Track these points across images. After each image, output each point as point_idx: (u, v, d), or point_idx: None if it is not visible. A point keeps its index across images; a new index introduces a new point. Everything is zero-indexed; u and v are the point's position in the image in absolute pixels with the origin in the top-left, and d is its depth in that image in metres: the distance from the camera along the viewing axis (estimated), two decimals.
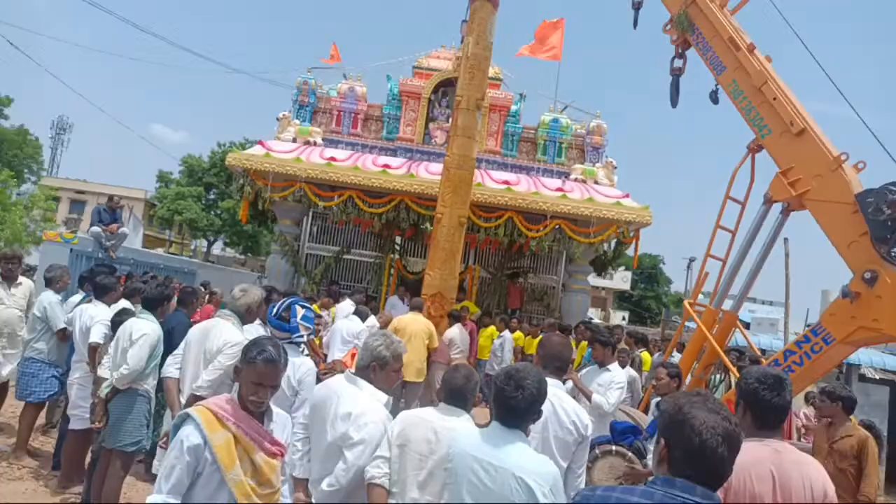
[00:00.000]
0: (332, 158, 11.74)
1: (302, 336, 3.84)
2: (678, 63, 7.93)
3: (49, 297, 5.95)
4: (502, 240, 11.56)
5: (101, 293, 5.39)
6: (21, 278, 6.27)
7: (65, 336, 5.84)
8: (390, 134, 13.06)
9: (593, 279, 15.17)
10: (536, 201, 11.21)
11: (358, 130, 13.08)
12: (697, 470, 1.63)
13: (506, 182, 11.66)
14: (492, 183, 11.62)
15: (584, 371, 5.50)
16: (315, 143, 12.47)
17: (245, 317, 4.22)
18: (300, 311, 3.87)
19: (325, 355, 7.61)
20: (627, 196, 11.83)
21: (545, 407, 2.60)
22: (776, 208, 6.30)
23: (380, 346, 3.14)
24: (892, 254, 4.83)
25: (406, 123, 12.96)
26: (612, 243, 12.96)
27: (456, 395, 2.89)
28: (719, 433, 1.62)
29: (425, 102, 12.93)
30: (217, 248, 42.25)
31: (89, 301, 5.56)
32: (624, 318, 37.82)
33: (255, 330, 4.49)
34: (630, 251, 12.90)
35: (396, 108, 13.07)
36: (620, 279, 40.95)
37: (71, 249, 9.43)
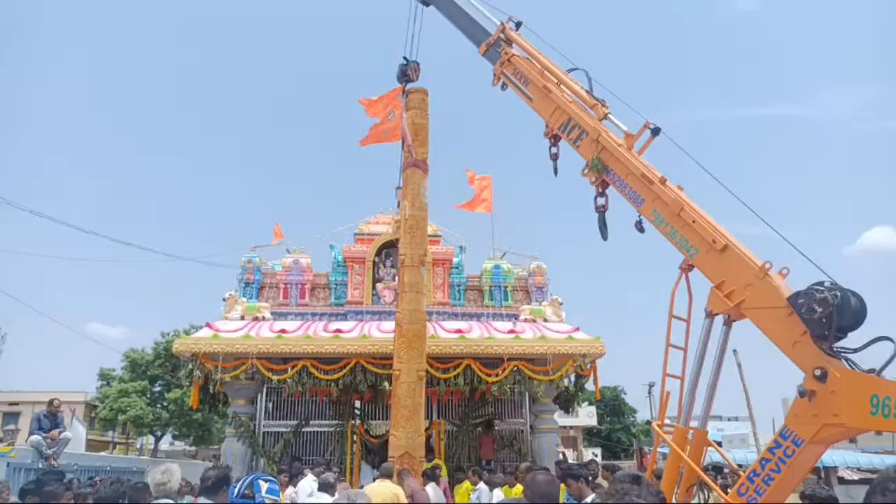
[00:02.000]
0: (283, 331, 11.68)
1: None
2: (601, 201, 8.54)
3: None
4: (463, 388, 11.45)
5: (48, 502, 4.97)
6: None
7: None
8: (339, 299, 13.22)
9: (561, 418, 14.99)
10: (491, 345, 11.32)
11: (306, 300, 13.20)
12: None
13: (458, 331, 11.79)
14: (445, 333, 11.72)
15: None
16: (264, 318, 12.45)
17: (176, 497, 4.04)
18: (264, 486, 3.72)
19: None
20: (577, 329, 12.10)
21: None
22: (719, 320, 6.57)
23: None
24: (834, 349, 5.06)
25: (353, 287, 13.20)
26: (572, 378, 13.01)
27: None
28: None
29: (370, 265, 13.30)
30: (165, 443, 39.76)
31: None
32: (595, 455, 36.79)
33: None
34: (591, 384, 12.95)
35: (343, 274, 13.37)
36: (586, 415, 40.35)
37: (8, 464, 8.76)
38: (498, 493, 9.81)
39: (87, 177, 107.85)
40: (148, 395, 35.31)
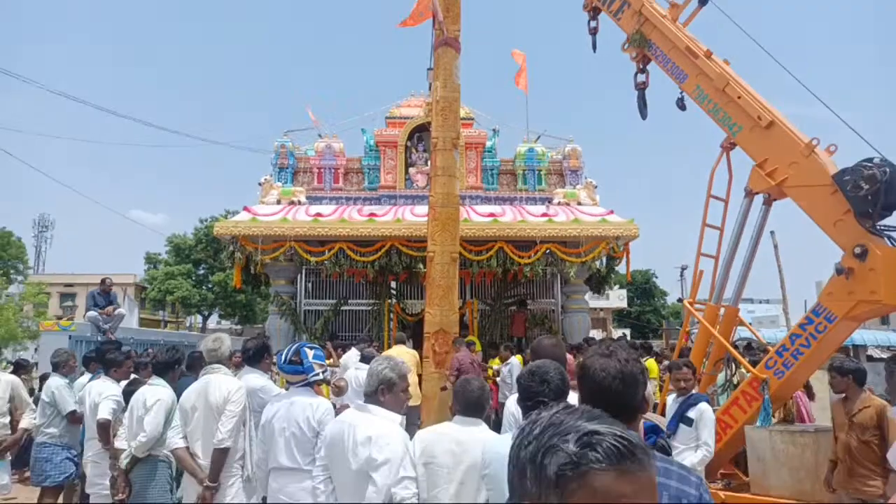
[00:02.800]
0: (318, 214, 11.88)
1: (318, 374, 3.87)
2: (641, 77, 8.19)
3: (56, 382, 5.93)
4: (496, 270, 11.67)
5: (109, 368, 5.40)
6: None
7: (75, 418, 5.81)
8: (372, 184, 13.28)
9: (592, 300, 15.26)
10: (524, 229, 11.37)
11: (340, 185, 13.29)
12: (604, 406, 1.76)
13: (491, 214, 11.83)
14: (478, 217, 11.79)
15: None
16: (299, 202, 12.64)
17: (228, 363, 4.29)
18: (310, 353, 3.91)
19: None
20: (612, 213, 12.03)
21: None
22: (758, 200, 6.45)
23: (384, 370, 3.18)
24: (877, 227, 4.96)
25: (386, 172, 13.20)
26: (604, 260, 13.11)
27: (472, 407, 2.95)
28: (612, 372, 1.74)
29: (402, 149, 13.21)
30: (212, 322, 41.98)
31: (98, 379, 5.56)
32: (624, 335, 37.82)
33: (254, 376, 4.56)
34: (622, 267, 13.05)
35: (375, 159, 13.33)
36: (617, 298, 41.03)
37: (70, 336, 9.40)
38: (515, 362, 10.27)
39: (130, 64, 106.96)
40: (193, 278, 36.88)
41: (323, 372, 3.93)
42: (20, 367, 8.94)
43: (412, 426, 7.76)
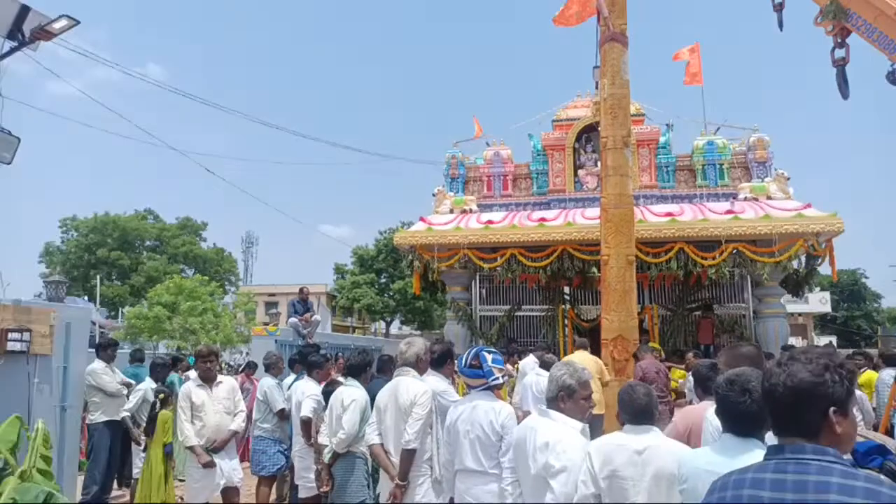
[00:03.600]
0: (490, 221, 12.12)
1: (497, 378, 3.95)
2: (840, 53, 7.33)
3: (268, 382, 6.67)
4: (676, 273, 11.06)
5: (311, 370, 5.97)
6: (222, 377, 5.79)
7: (284, 415, 6.48)
8: (541, 188, 13.27)
9: (788, 304, 13.89)
10: (706, 227, 10.67)
11: (509, 191, 13.45)
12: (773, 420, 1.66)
13: (669, 214, 11.26)
14: (654, 217, 11.28)
15: None
16: (471, 211, 12.99)
17: (417, 366, 4.48)
18: (489, 357, 4.00)
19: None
20: (809, 206, 10.87)
21: None
22: None
23: (564, 376, 3.17)
24: None
25: (555, 175, 13.13)
26: (802, 259, 11.86)
27: (641, 414, 2.85)
28: (776, 381, 1.61)
29: (570, 152, 13.05)
30: (395, 328, 44.45)
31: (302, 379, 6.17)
32: (831, 343, 33.77)
33: (436, 379, 4.75)
34: (825, 267, 11.73)
35: (543, 163, 13.32)
36: (818, 301, 36.82)
37: (276, 340, 10.49)
38: None
39: (309, 87, 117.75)
40: (376, 286, 39.41)
41: (502, 376, 4.00)
42: (177, 361, 9.32)
43: (597, 434, 7.61)
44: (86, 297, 31.18)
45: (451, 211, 13.07)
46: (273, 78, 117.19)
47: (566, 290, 13.41)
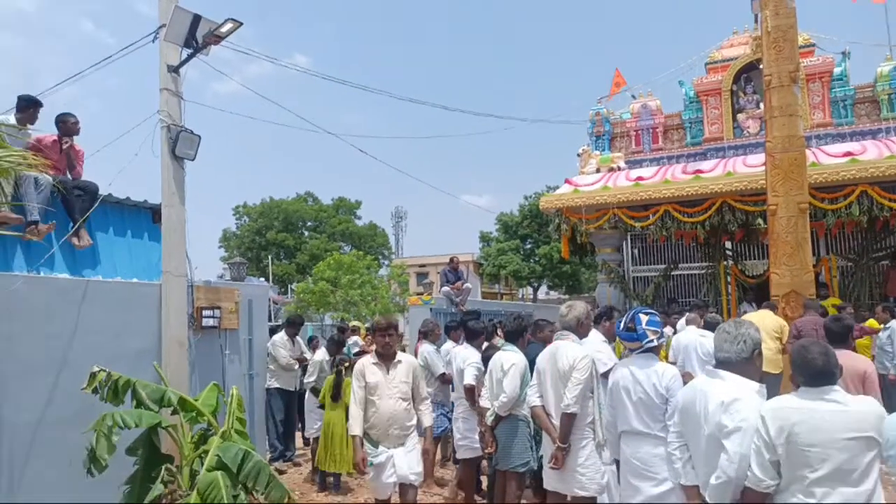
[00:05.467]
0: (639, 178, 11.58)
1: (652, 341, 3.80)
2: None
3: (427, 348, 6.93)
4: (859, 219, 9.90)
5: (471, 337, 6.10)
6: (401, 356, 4.75)
7: (445, 379, 6.70)
8: (695, 138, 12.44)
9: None
10: (894, 165, 9.40)
11: (660, 144, 12.76)
12: None
13: (847, 153, 10.05)
14: (829, 159, 10.14)
15: None
16: (619, 168, 12.49)
17: (577, 330, 4.38)
18: (644, 318, 3.84)
19: None
20: None
21: None
22: None
23: (757, 335, 2.96)
24: None
25: (710, 123, 12.23)
26: None
27: (818, 375, 2.57)
28: None
29: (727, 95, 12.09)
30: (542, 293, 44.35)
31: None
32: None
33: (595, 340, 4.66)
34: None
35: (696, 111, 12.46)
36: None
37: (430, 309, 10.87)
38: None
39: (445, 59, 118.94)
40: (521, 252, 39.43)
41: (658, 338, 3.82)
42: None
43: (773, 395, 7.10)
44: (259, 276, 34.31)
45: (598, 170, 12.65)
46: (413, 54, 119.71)
47: (728, 245, 12.55)
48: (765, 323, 7.30)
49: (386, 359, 4.61)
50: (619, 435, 3.88)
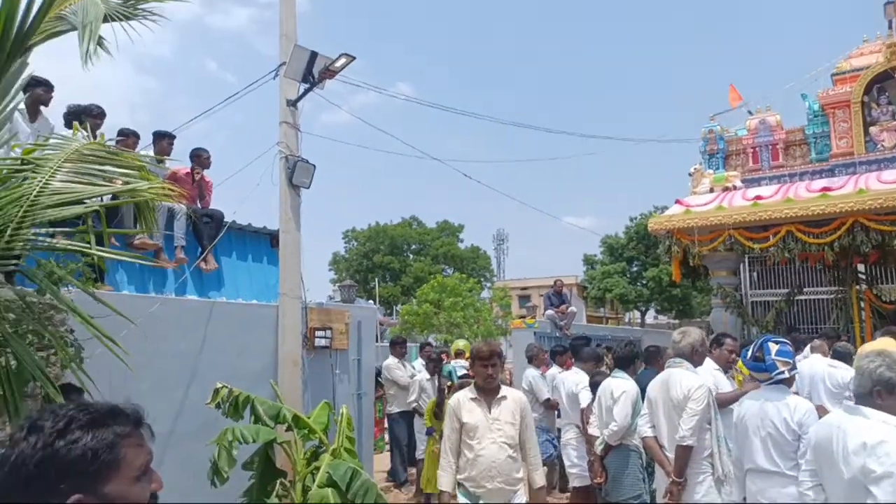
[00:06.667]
0: (758, 197, 10.95)
1: (782, 372, 3.53)
2: None
3: (531, 373, 6.84)
4: None
5: (581, 360, 5.97)
6: (506, 390, 3.90)
7: (550, 405, 6.57)
8: (820, 154, 11.64)
9: None
10: None
11: (780, 161, 12.05)
12: None
13: None
14: None
15: None
16: (734, 187, 11.87)
17: (691, 358, 4.14)
18: (773, 347, 3.58)
19: None
20: None
21: None
22: None
23: (881, 368, 2.66)
24: None
25: (838, 137, 11.39)
26: None
27: None
28: None
29: (857, 107, 11.23)
30: (650, 317, 42.70)
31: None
32: None
33: (708, 368, 4.39)
34: None
35: (822, 125, 11.67)
36: None
37: (534, 333, 10.73)
38: None
39: (548, 80, 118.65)
40: (627, 275, 38.25)
41: (790, 370, 3.54)
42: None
43: None
44: (366, 298, 35.42)
45: (712, 190, 12.07)
46: (515, 77, 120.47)
47: (860, 267, 11.53)
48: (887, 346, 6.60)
49: (487, 394, 3.78)
50: (745, 473, 3.63)
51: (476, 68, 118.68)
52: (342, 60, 5.25)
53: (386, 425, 8.42)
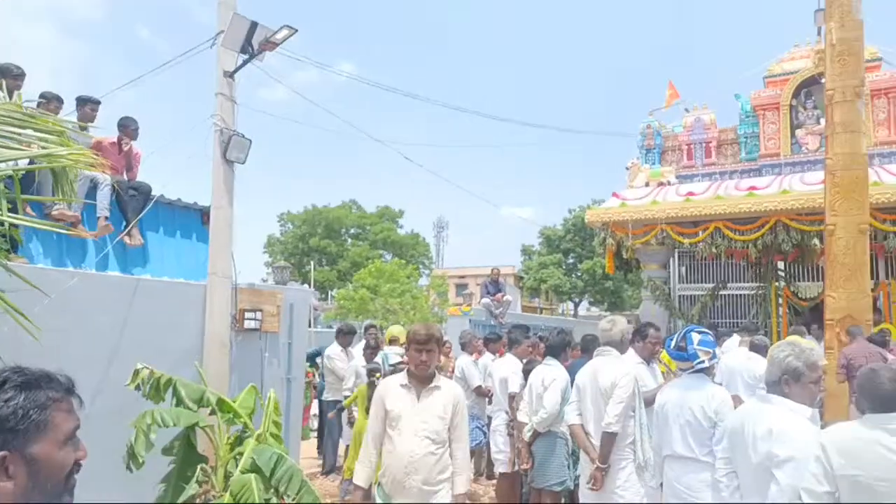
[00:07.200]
0: (690, 193, 11.31)
1: (703, 362, 3.65)
2: None
3: (464, 360, 6.86)
4: None
5: (512, 347, 6.02)
6: (442, 380, 3.49)
7: (481, 392, 6.61)
8: (750, 154, 12.10)
9: None
10: None
11: (713, 159, 12.46)
12: None
13: None
14: (893, 178, 9.71)
15: None
16: (669, 183, 12.23)
17: (620, 346, 4.26)
18: (696, 337, 3.71)
19: None
20: None
21: None
22: None
23: (789, 357, 2.80)
24: None
25: (767, 138, 11.87)
26: None
27: (888, 401, 2.40)
28: None
29: (786, 110, 11.72)
30: (583, 309, 43.77)
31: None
32: None
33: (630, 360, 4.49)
34: None
35: (753, 125, 12.12)
36: None
37: (469, 320, 10.79)
38: None
39: (491, 66, 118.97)
40: (563, 267, 39.03)
41: (710, 359, 3.67)
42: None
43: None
44: (301, 282, 34.84)
45: (647, 184, 12.40)
46: (458, 62, 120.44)
47: (780, 265, 12.11)
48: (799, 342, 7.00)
49: (420, 381, 3.39)
50: (663, 459, 3.74)
51: (420, 53, 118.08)
52: (284, 32, 5.06)
53: (316, 412, 8.29)
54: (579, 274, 38.50)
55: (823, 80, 8.63)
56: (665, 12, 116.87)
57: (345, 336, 7.98)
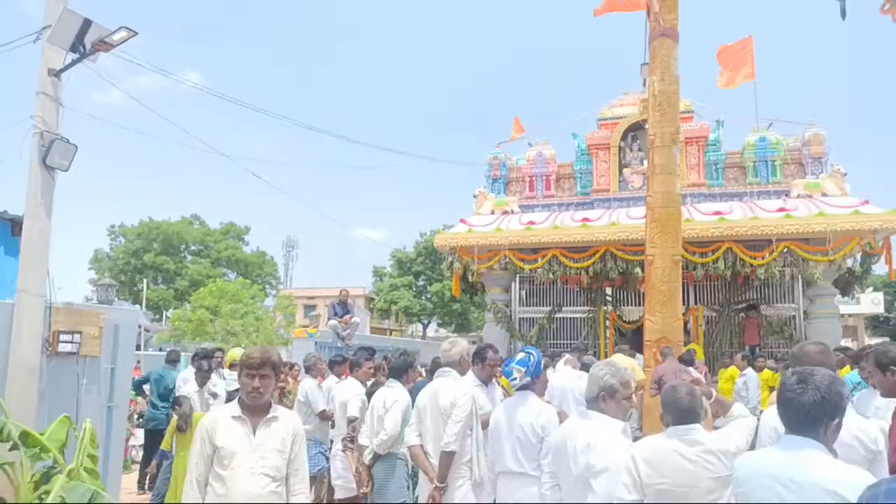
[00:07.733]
0: (531, 222, 11.99)
1: (516, 380, 3.83)
2: None
3: (309, 383, 6.66)
4: (723, 273, 10.74)
5: (354, 369, 5.95)
6: (279, 410, 3.19)
7: (325, 416, 6.45)
8: (584, 188, 13.09)
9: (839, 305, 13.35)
10: (756, 226, 10.35)
11: (552, 191, 13.30)
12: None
13: (717, 213, 10.95)
14: (701, 216, 10.99)
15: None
16: (512, 211, 12.88)
17: (460, 366, 4.36)
18: (519, 357, 3.93)
19: None
20: (866, 203, 10.44)
21: None
22: None
23: (605, 376, 3.10)
24: None
25: (599, 175, 12.93)
26: (858, 258, 11.39)
27: (685, 414, 2.73)
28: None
29: (616, 150, 12.85)
30: (431, 331, 44.48)
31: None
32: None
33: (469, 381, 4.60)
34: (881, 266, 11.25)
35: (587, 163, 13.14)
36: (870, 302, 35.43)
37: (315, 342, 10.55)
38: (752, 374, 9.26)
39: (344, 88, 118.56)
40: (414, 289, 39.49)
41: (522, 377, 3.87)
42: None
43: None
44: (131, 301, 32.03)
45: (493, 212, 12.97)
46: (312, 81, 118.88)
47: (608, 291, 13.18)
48: (623, 361, 7.71)
49: (253, 412, 3.03)
50: (496, 475, 3.86)
51: (269, 67, 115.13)
52: (122, 34, 4.71)
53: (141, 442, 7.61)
54: (429, 296, 39.13)
55: (647, 126, 9.62)
56: (515, 53, 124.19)
57: (202, 360, 7.29)
